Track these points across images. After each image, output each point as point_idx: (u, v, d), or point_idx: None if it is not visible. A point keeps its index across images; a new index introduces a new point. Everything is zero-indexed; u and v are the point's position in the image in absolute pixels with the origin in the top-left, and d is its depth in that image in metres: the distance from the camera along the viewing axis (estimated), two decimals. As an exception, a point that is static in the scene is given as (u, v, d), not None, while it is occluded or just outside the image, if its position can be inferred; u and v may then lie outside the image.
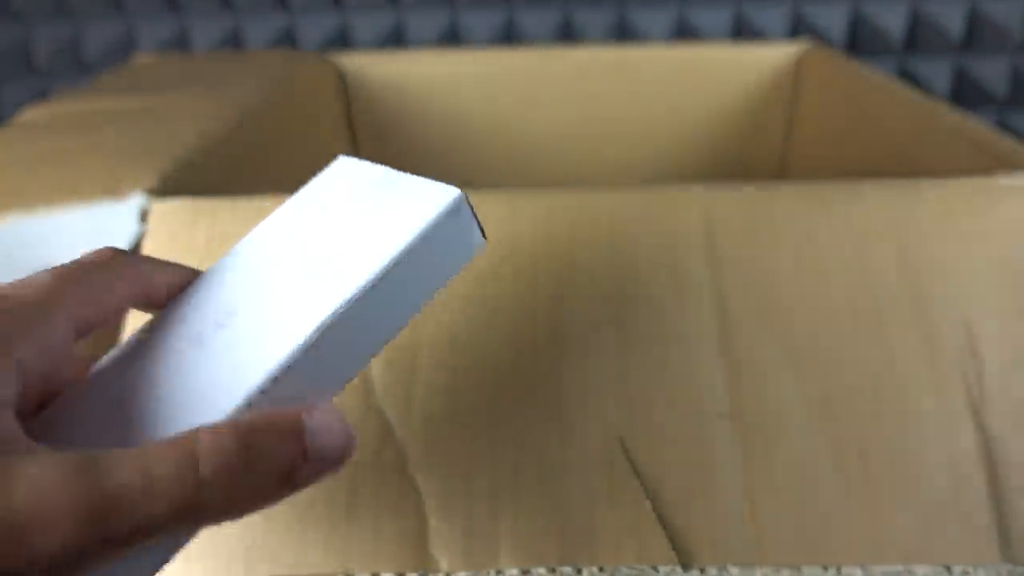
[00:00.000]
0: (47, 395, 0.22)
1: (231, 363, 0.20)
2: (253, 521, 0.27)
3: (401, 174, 0.23)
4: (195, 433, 0.17)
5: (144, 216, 0.34)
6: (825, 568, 0.27)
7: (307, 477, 0.18)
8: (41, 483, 0.15)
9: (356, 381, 0.29)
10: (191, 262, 0.32)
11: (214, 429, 0.18)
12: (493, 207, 0.33)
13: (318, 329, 0.20)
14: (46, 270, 0.21)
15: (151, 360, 0.21)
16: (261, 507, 0.18)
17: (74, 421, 0.21)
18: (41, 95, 0.79)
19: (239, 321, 0.21)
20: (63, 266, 0.21)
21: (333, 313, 0.20)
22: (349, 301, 0.21)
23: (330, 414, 0.19)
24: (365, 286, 0.21)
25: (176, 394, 0.20)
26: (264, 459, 0.18)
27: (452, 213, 0.22)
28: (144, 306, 0.23)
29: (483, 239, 0.23)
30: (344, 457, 0.19)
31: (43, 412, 0.22)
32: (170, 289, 0.23)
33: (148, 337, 0.22)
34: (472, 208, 0.22)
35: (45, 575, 0.15)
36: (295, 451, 0.18)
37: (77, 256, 0.22)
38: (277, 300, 0.21)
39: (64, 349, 0.20)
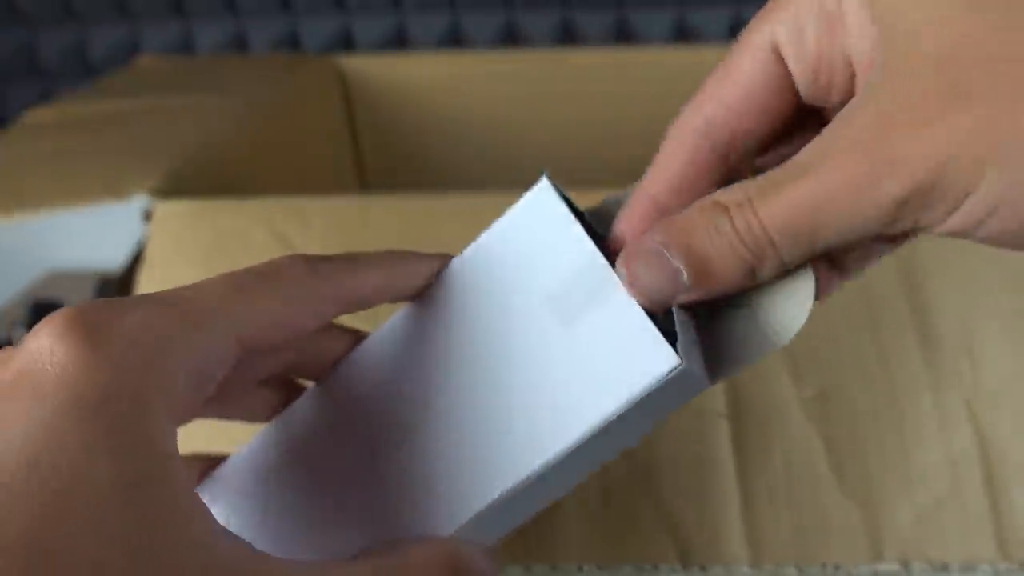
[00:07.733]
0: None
1: (407, 505, 0.19)
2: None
3: (608, 274, 0.19)
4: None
5: (147, 216, 0.34)
6: (824, 567, 0.27)
7: None
8: None
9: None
10: (194, 262, 0.32)
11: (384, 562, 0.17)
12: (494, 208, 0.33)
13: (505, 492, 0.18)
14: (221, 274, 0.17)
15: (325, 455, 0.20)
16: None
17: (237, 500, 0.20)
18: (46, 97, 0.79)
19: (419, 447, 0.19)
20: (237, 271, 0.18)
21: (521, 479, 0.18)
22: (544, 464, 0.18)
23: (483, 561, 0.18)
24: (561, 450, 0.18)
25: (347, 518, 0.19)
26: None
27: (672, 381, 0.18)
28: (357, 308, 0.19)
29: (708, 383, 0.19)
30: None
31: (208, 480, 0.21)
32: (385, 292, 0.20)
33: (320, 418, 0.21)
34: (699, 356, 0.19)
35: None
36: None
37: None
38: (462, 436, 0.19)
39: (219, 362, 0.17)
